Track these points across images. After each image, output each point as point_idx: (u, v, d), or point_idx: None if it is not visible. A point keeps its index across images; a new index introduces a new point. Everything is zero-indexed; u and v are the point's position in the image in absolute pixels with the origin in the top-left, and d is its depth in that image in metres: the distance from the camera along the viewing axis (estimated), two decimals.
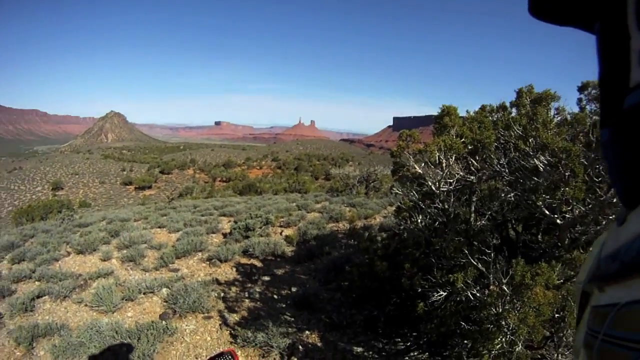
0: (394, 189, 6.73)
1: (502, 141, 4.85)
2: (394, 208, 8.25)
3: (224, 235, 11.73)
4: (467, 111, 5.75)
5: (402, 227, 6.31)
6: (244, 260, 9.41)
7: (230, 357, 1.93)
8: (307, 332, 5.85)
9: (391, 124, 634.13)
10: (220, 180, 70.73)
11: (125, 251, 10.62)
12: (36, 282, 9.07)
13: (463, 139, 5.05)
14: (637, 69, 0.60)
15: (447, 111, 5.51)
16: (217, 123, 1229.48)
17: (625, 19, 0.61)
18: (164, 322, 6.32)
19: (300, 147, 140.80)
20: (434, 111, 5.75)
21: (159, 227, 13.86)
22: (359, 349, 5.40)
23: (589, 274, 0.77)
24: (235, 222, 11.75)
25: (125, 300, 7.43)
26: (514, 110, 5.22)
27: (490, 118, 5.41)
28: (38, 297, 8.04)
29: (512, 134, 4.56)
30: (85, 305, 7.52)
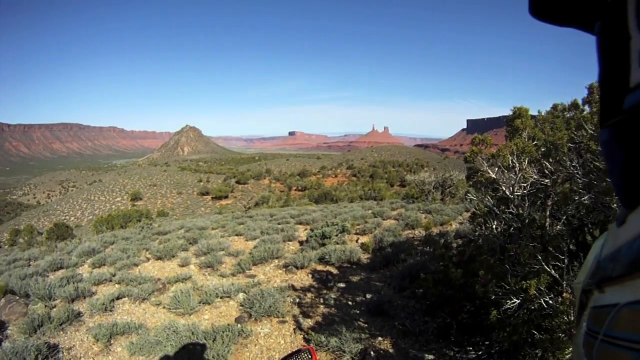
0: (469, 194, 6.65)
1: (575, 141, 4.72)
2: (469, 214, 8.12)
3: (301, 242, 11.83)
4: (538, 111, 5.62)
5: (477, 234, 6.22)
6: (319, 267, 9.45)
7: (308, 354, 1.94)
8: (379, 338, 5.83)
9: (465, 126, 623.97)
10: (295, 189, 71.25)
11: (203, 258, 10.90)
12: (116, 285, 9.50)
13: (535, 142, 4.96)
14: (637, 69, 0.60)
15: (519, 113, 5.41)
16: (291, 133, 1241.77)
17: (626, 19, 0.62)
18: (239, 325, 6.44)
19: (375, 154, 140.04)
20: (508, 111, 5.66)
21: (237, 235, 14.08)
22: (431, 357, 5.33)
23: (588, 275, 0.79)
24: (312, 230, 11.82)
25: (203, 303, 7.63)
26: (586, 107, 5.02)
27: (562, 117, 5.27)
28: (117, 298, 8.42)
29: (584, 133, 4.45)
30: (164, 307, 7.80)
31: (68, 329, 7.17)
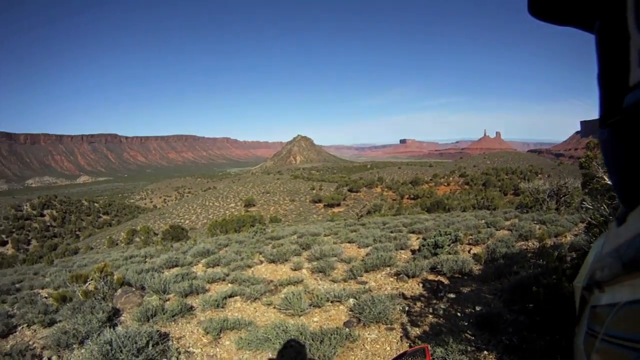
0: (585, 202, 6.40)
1: None
2: (584, 225, 7.81)
3: (413, 251, 11.76)
4: None
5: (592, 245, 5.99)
6: (431, 277, 9.36)
7: (423, 352, 1.94)
8: (485, 352, 5.72)
9: (579, 129, 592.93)
10: (408, 198, 70.59)
11: (315, 263, 11.13)
12: (229, 284, 9.93)
13: None
14: (636, 68, 0.62)
15: None
16: (402, 141, 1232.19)
17: (625, 18, 0.64)
18: (347, 329, 6.54)
19: (487, 160, 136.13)
20: None
21: (349, 242, 14.25)
22: None
23: (589, 274, 0.80)
24: (424, 239, 11.73)
25: (313, 306, 7.80)
26: None
27: None
28: (230, 296, 8.81)
29: None
30: (274, 307, 8.05)
31: (180, 320, 7.64)
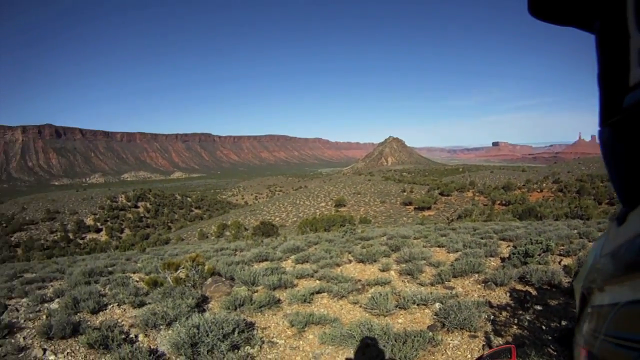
0: None
1: None
2: None
3: (502, 259, 11.58)
4: None
5: None
6: (519, 287, 9.18)
7: (509, 352, 1.97)
8: None
9: None
10: (499, 204, 68.68)
11: (404, 265, 11.16)
12: (317, 281, 10.18)
13: None
14: (636, 68, 0.63)
15: None
16: (495, 144, 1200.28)
17: (625, 18, 0.64)
18: (430, 332, 6.55)
19: (582, 166, 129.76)
20: None
21: (438, 246, 14.17)
22: None
23: (588, 274, 0.83)
24: (514, 247, 11.53)
25: (398, 308, 7.85)
26: None
27: None
28: (317, 292, 9.02)
29: None
30: (360, 306, 8.18)
31: (266, 312, 7.95)
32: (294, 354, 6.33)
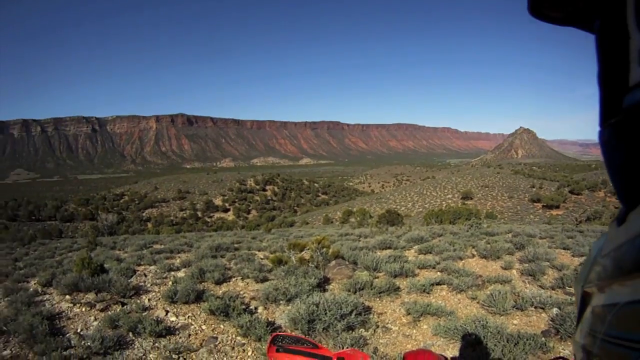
0: None
1: None
2: None
3: None
4: None
5: None
6: None
7: None
8: None
9: None
10: None
11: (526, 265, 10.88)
12: (438, 273, 10.15)
13: None
14: (636, 68, 0.63)
15: None
16: None
17: (625, 18, 0.64)
18: (543, 338, 6.37)
19: None
20: None
21: (563, 249, 13.58)
22: None
23: (589, 274, 0.81)
24: None
25: (516, 308, 7.70)
26: None
27: None
28: (437, 284, 9.03)
29: None
30: (477, 302, 8.11)
31: (385, 298, 8.11)
32: (405, 342, 6.46)
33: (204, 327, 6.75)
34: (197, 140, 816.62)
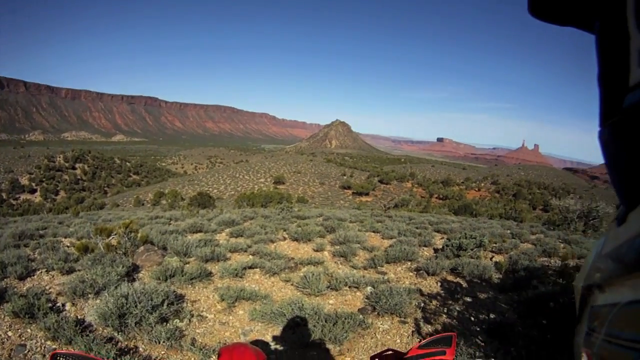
0: None
1: None
2: None
3: (435, 250, 11.75)
4: None
5: None
6: (450, 278, 9.36)
7: (450, 340, 1.97)
8: (492, 359, 5.81)
9: None
10: (436, 197, 70.30)
11: (338, 247, 11.20)
12: (250, 256, 10.07)
13: None
14: (636, 68, 0.63)
15: None
16: (440, 139, 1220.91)
17: (625, 18, 0.63)
18: (361, 315, 6.59)
19: (522, 172, 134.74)
20: None
21: (373, 232, 14.25)
22: None
23: (589, 274, 0.80)
24: (449, 239, 11.70)
25: (330, 289, 7.86)
26: None
27: None
28: (250, 267, 8.97)
29: None
30: (292, 284, 8.17)
31: (197, 284, 7.80)
32: (223, 329, 6.25)
33: (10, 333, 5.75)
34: (7, 108, 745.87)
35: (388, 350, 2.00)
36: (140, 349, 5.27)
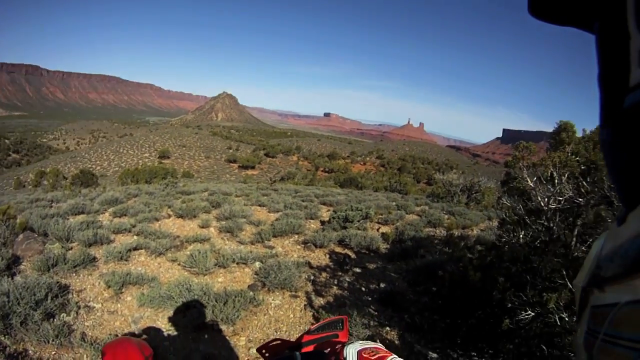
0: (502, 200, 6.57)
1: None
2: (493, 222, 7.96)
3: (322, 222, 11.89)
4: (583, 130, 5.55)
5: (503, 240, 6.16)
6: (338, 249, 9.47)
7: (342, 323, 1.92)
8: (387, 328, 5.83)
9: (500, 135, 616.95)
10: (322, 171, 71.42)
11: (224, 222, 11.06)
12: (134, 237, 9.70)
13: (577, 158, 4.90)
14: (636, 68, 0.60)
15: (565, 127, 5.34)
16: (327, 114, 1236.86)
17: (625, 18, 0.61)
18: (251, 292, 6.52)
19: (407, 147, 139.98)
20: (546, 127, 5.53)
21: (259, 206, 14.24)
22: (434, 355, 5.28)
23: (589, 274, 0.76)
24: (335, 211, 11.82)
25: (218, 266, 7.74)
26: None
27: None
28: (135, 249, 8.62)
29: None
30: (179, 264, 7.94)
31: (81, 272, 7.35)
32: (112, 319, 5.94)
33: None
34: None
35: (275, 340, 1.92)
36: (30, 351, 4.84)
